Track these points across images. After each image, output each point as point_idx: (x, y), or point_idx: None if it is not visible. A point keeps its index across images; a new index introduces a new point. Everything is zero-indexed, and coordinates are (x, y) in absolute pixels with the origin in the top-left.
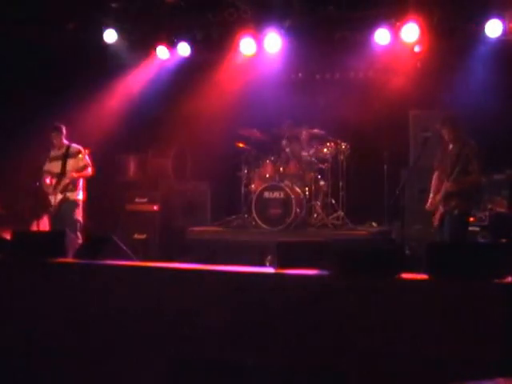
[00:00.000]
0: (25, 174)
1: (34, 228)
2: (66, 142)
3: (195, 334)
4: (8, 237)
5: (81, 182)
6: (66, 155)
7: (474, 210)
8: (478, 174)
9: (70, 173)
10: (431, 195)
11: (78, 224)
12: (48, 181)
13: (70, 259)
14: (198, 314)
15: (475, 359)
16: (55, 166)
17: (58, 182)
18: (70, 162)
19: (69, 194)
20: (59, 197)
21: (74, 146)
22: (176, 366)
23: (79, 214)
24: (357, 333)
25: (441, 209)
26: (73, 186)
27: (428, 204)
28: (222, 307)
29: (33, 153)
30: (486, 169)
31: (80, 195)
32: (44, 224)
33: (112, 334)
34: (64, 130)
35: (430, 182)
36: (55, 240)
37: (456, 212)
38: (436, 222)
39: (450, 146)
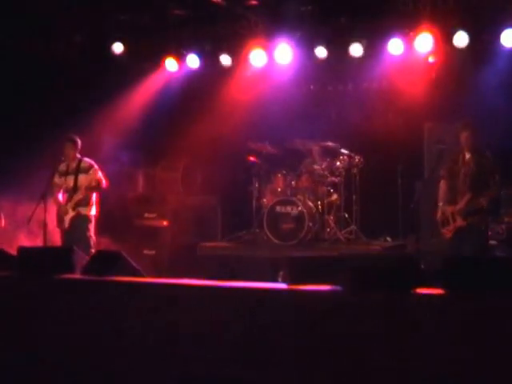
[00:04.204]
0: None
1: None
2: (78, 155)
3: (205, 351)
4: (14, 252)
5: (93, 197)
6: (78, 170)
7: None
8: (499, 187)
9: (82, 189)
10: (440, 204)
11: (91, 240)
12: (60, 196)
13: (77, 275)
14: (209, 331)
15: (493, 376)
16: (66, 180)
17: (69, 198)
18: (82, 178)
19: (81, 210)
20: (71, 213)
21: (86, 160)
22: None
23: (92, 230)
24: (371, 349)
25: (460, 221)
26: (85, 201)
27: (439, 214)
28: (233, 324)
29: (39, 167)
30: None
31: (93, 210)
32: (55, 240)
33: (120, 351)
34: (79, 143)
35: None
36: (63, 256)
37: (483, 227)
38: (449, 234)
39: (467, 156)
